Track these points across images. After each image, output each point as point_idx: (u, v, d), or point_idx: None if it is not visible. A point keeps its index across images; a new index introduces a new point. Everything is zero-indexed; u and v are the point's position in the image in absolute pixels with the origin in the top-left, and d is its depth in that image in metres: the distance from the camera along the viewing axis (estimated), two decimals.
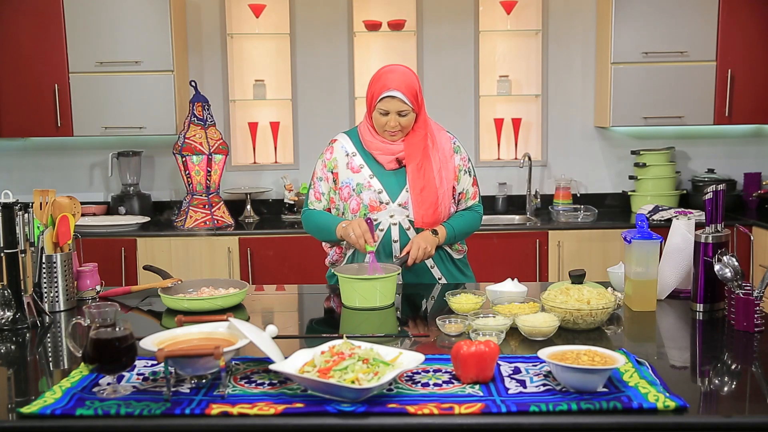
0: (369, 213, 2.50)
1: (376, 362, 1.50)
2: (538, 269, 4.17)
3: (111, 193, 4.69)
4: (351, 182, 2.52)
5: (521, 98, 4.74)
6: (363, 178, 2.51)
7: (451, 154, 2.56)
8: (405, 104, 2.42)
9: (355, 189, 2.51)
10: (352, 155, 2.55)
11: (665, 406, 1.41)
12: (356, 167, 2.53)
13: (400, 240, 2.51)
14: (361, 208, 2.50)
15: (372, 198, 2.49)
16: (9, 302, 2.05)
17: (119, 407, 1.45)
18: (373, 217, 2.48)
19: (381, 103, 2.43)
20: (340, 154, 2.56)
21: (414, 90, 2.44)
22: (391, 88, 2.41)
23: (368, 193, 2.49)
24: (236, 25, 4.67)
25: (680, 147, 4.71)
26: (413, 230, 2.51)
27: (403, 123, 2.45)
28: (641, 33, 4.29)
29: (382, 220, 2.50)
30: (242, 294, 2.26)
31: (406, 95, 2.41)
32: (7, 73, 4.28)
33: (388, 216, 2.50)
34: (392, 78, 2.43)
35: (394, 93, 2.40)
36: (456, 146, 2.59)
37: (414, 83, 2.45)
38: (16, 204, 2.08)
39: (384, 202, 2.49)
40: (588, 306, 1.92)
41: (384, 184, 2.50)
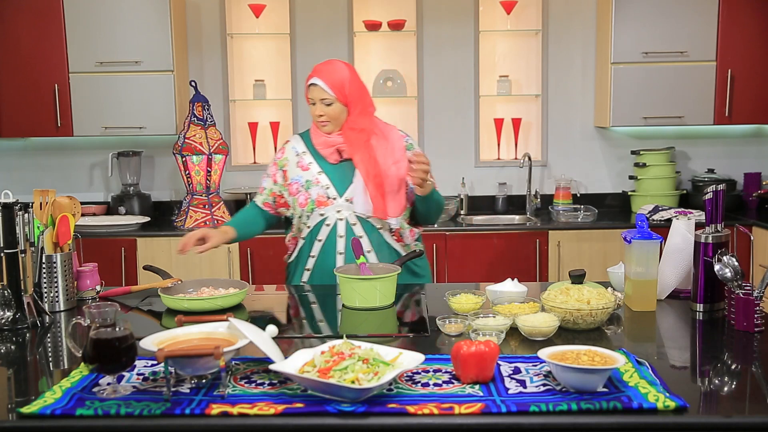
0: (316, 208, 2.55)
1: (376, 362, 1.50)
2: (538, 269, 4.17)
3: (111, 193, 4.69)
4: (300, 179, 2.60)
5: (521, 98, 4.74)
6: (311, 175, 2.58)
7: (404, 151, 2.60)
8: (326, 93, 2.51)
9: (304, 185, 2.58)
10: (302, 153, 2.64)
11: (665, 406, 1.41)
12: (305, 165, 2.61)
13: (345, 235, 2.54)
14: (308, 203, 2.56)
15: (320, 193, 2.55)
16: (9, 302, 2.05)
17: (119, 407, 1.45)
18: (320, 212, 2.54)
19: (308, 91, 2.57)
20: (291, 153, 2.66)
21: (339, 81, 2.51)
22: (314, 76, 2.54)
23: (316, 188, 2.56)
24: (236, 25, 4.67)
25: (680, 147, 4.72)
26: (360, 226, 2.54)
27: (328, 112, 2.53)
28: (641, 33, 4.29)
29: (329, 215, 2.55)
30: (242, 294, 2.26)
31: (326, 84, 2.50)
32: (8, 73, 4.28)
33: (335, 211, 2.54)
34: (319, 68, 2.56)
35: (315, 81, 2.53)
36: (409, 144, 2.66)
37: (341, 75, 2.53)
38: (16, 204, 2.08)
39: (331, 197, 2.55)
40: (588, 306, 1.92)
41: (332, 179, 2.56)
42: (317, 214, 2.55)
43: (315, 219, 2.56)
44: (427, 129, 4.72)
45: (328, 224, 2.55)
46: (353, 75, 2.57)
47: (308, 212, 2.56)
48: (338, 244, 2.54)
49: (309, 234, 2.58)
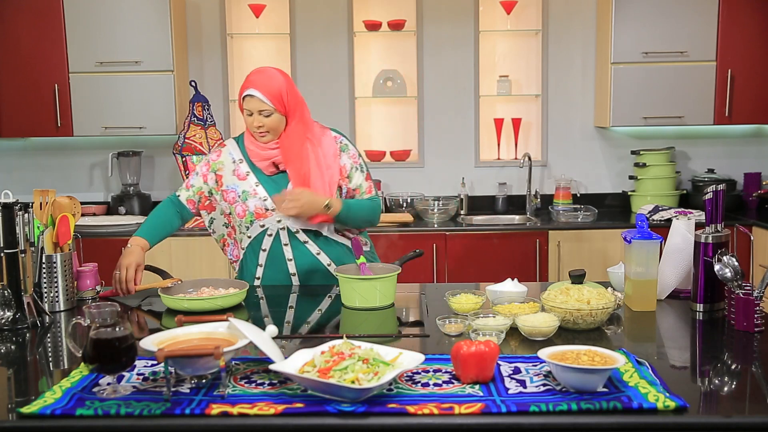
0: (256, 220, 2.52)
1: (376, 362, 1.50)
2: (538, 269, 4.17)
3: (111, 193, 4.69)
4: (237, 188, 2.54)
5: (521, 98, 4.74)
6: (249, 186, 2.53)
7: (336, 153, 2.56)
8: (265, 104, 2.43)
9: (241, 196, 2.53)
10: (239, 162, 2.57)
11: (665, 406, 1.41)
12: (242, 174, 2.55)
13: (290, 243, 2.52)
14: (247, 215, 2.53)
15: (257, 205, 2.51)
16: (9, 302, 2.05)
17: (119, 407, 1.45)
18: (260, 224, 2.51)
19: (244, 102, 2.47)
20: (227, 159, 2.59)
21: (277, 91, 2.44)
22: (251, 87, 2.44)
23: (254, 200, 2.51)
24: (236, 25, 4.67)
25: (680, 147, 4.72)
26: (302, 232, 2.52)
27: (267, 123, 2.46)
28: (641, 33, 4.29)
29: (269, 226, 2.51)
30: (242, 294, 2.26)
31: (264, 94, 2.42)
32: (8, 73, 4.28)
33: (276, 222, 2.51)
34: (255, 78, 2.45)
35: (252, 92, 2.43)
36: (343, 145, 2.59)
37: (278, 84, 2.45)
38: (16, 204, 2.08)
39: (270, 209, 2.50)
40: (588, 306, 1.92)
41: (269, 191, 2.51)
42: (257, 225, 2.52)
43: (256, 230, 2.53)
44: (427, 129, 4.72)
45: (270, 234, 2.52)
46: (290, 83, 2.49)
47: (247, 223, 2.53)
48: (285, 251, 2.52)
49: (251, 244, 2.55)
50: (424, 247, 3.72)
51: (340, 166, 2.55)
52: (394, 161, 4.72)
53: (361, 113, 4.74)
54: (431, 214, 4.37)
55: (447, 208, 4.39)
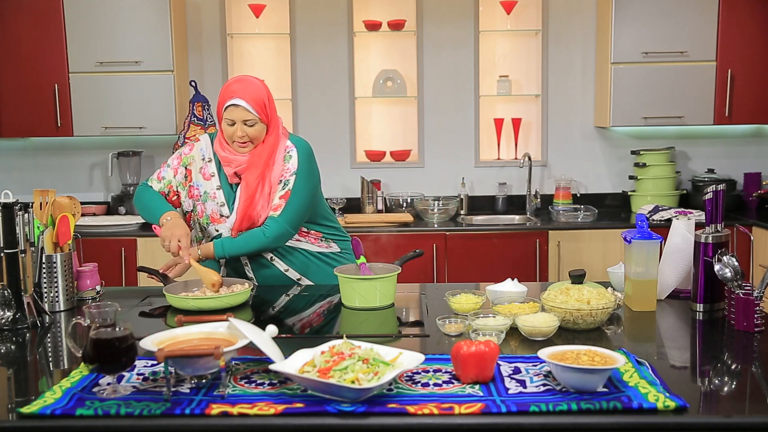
0: (211, 223, 2.50)
1: (376, 362, 1.50)
2: (538, 269, 4.17)
3: (111, 193, 4.69)
4: (200, 188, 2.53)
5: (521, 98, 4.74)
6: (210, 188, 2.51)
7: (281, 164, 2.47)
8: (250, 113, 2.38)
9: (202, 196, 2.52)
10: (207, 161, 2.54)
11: (665, 406, 1.41)
12: (207, 174, 2.53)
13: None
14: (204, 217, 2.51)
15: (214, 210, 2.49)
16: (9, 302, 2.05)
17: (119, 407, 1.44)
18: (215, 228, 2.49)
19: (226, 112, 2.40)
20: (198, 155, 2.56)
21: (261, 100, 2.40)
22: (235, 96, 2.38)
23: (212, 204, 2.50)
24: (236, 25, 4.67)
25: (680, 147, 4.72)
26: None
27: (250, 133, 2.41)
28: (641, 33, 4.29)
29: (224, 232, 2.50)
30: (246, 293, 2.26)
31: (250, 104, 2.38)
32: (8, 73, 4.28)
33: (228, 228, 2.49)
34: (237, 87, 2.40)
35: (237, 101, 2.38)
36: (287, 155, 2.47)
37: (261, 93, 2.42)
38: (16, 204, 2.08)
39: (224, 216, 2.49)
40: (588, 306, 1.92)
41: (227, 197, 2.49)
42: (213, 229, 2.51)
43: (212, 233, 2.52)
44: (427, 129, 4.72)
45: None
46: (269, 91, 2.46)
47: (204, 224, 2.52)
48: (241, 259, 2.51)
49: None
50: (424, 247, 3.72)
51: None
52: (394, 161, 4.72)
53: (361, 113, 4.74)
54: (431, 214, 4.38)
55: (447, 208, 4.40)
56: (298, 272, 2.56)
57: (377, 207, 4.59)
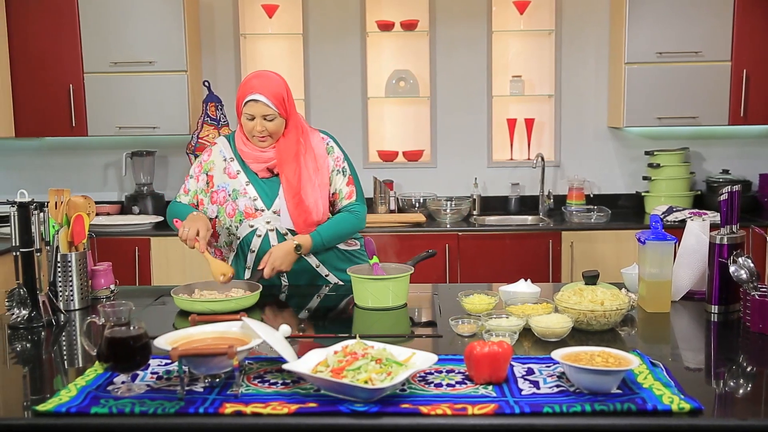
0: (245, 219, 2.50)
1: (389, 362, 1.50)
2: (551, 270, 4.15)
3: (125, 192, 4.72)
4: (227, 187, 2.53)
5: (534, 98, 4.73)
6: (239, 185, 2.52)
7: (324, 156, 2.55)
8: (270, 108, 2.41)
9: (231, 194, 2.52)
10: (230, 160, 2.55)
11: (680, 408, 1.40)
12: (233, 173, 2.54)
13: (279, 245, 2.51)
14: (236, 214, 2.51)
15: (247, 205, 2.50)
16: (25, 301, 2.07)
17: (133, 406, 1.45)
18: (249, 224, 2.50)
19: (246, 107, 2.43)
20: (218, 158, 2.58)
21: (280, 95, 2.43)
22: (254, 92, 2.41)
23: (244, 199, 2.50)
24: (249, 25, 4.69)
25: (694, 147, 4.69)
26: (290, 234, 2.50)
27: (270, 128, 2.44)
28: (655, 33, 4.27)
29: (259, 227, 2.50)
30: (255, 296, 2.26)
31: (270, 99, 2.41)
32: (23, 74, 4.31)
33: (265, 222, 2.50)
34: (257, 83, 2.43)
35: (257, 96, 2.40)
36: (329, 147, 2.58)
37: (280, 88, 2.44)
38: (32, 203, 2.09)
39: (259, 209, 2.50)
40: (602, 307, 1.91)
41: (259, 191, 2.51)
42: (246, 225, 2.51)
43: (245, 230, 2.52)
44: (440, 129, 4.72)
45: (259, 235, 2.51)
46: (287, 85, 2.49)
47: (237, 223, 2.52)
48: None
49: (240, 245, 2.54)
50: (436, 247, 3.71)
51: (327, 168, 2.55)
52: (407, 161, 4.72)
53: (374, 113, 4.74)
54: (444, 214, 4.37)
55: (459, 209, 4.39)
56: (328, 269, 2.58)
57: (390, 207, 4.59)
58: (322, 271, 2.57)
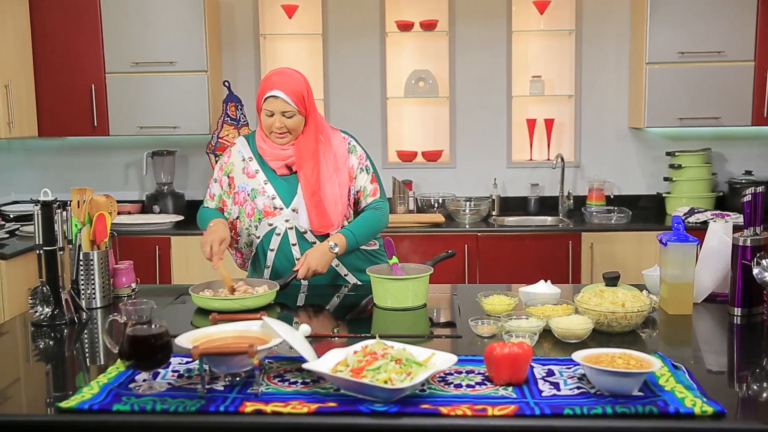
0: (264, 218, 2.51)
1: (409, 362, 1.50)
2: (571, 271, 4.13)
3: (145, 192, 4.75)
4: (246, 187, 2.54)
5: (554, 98, 4.70)
6: (258, 184, 2.53)
7: (346, 156, 2.56)
8: (289, 105, 2.42)
9: (250, 194, 2.53)
10: (249, 160, 2.56)
11: (702, 411, 1.39)
12: (252, 172, 2.55)
13: (298, 243, 2.52)
14: (255, 213, 2.52)
15: (266, 203, 2.51)
16: (48, 299, 2.09)
17: (155, 403, 1.46)
18: (268, 222, 2.50)
19: (265, 103, 2.44)
20: (237, 158, 2.59)
21: (300, 92, 2.44)
22: (274, 88, 2.42)
23: (262, 198, 2.51)
24: (269, 25, 4.70)
25: (717, 148, 4.64)
26: (310, 233, 2.51)
27: (288, 124, 2.45)
28: (677, 33, 4.23)
29: (278, 225, 2.51)
30: (272, 294, 2.27)
31: (289, 95, 2.41)
32: (46, 74, 4.36)
33: (284, 221, 2.50)
34: (277, 79, 2.44)
35: (277, 93, 2.41)
36: (351, 146, 2.59)
37: (300, 85, 2.45)
38: (55, 202, 2.11)
39: (278, 208, 2.50)
40: (623, 309, 1.90)
41: (278, 189, 2.51)
42: (266, 224, 2.52)
43: (264, 229, 2.53)
44: (459, 129, 4.71)
45: (278, 233, 2.52)
46: (308, 84, 2.50)
47: (256, 222, 2.53)
48: (293, 251, 2.52)
49: (260, 244, 2.55)
50: (455, 247, 3.70)
51: (349, 167, 2.56)
52: (426, 162, 4.71)
53: (393, 113, 4.74)
54: (463, 214, 4.36)
55: (479, 209, 4.38)
56: (347, 268, 2.58)
57: (409, 207, 4.59)
58: (341, 271, 2.57)
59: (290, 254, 2.52)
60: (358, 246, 2.52)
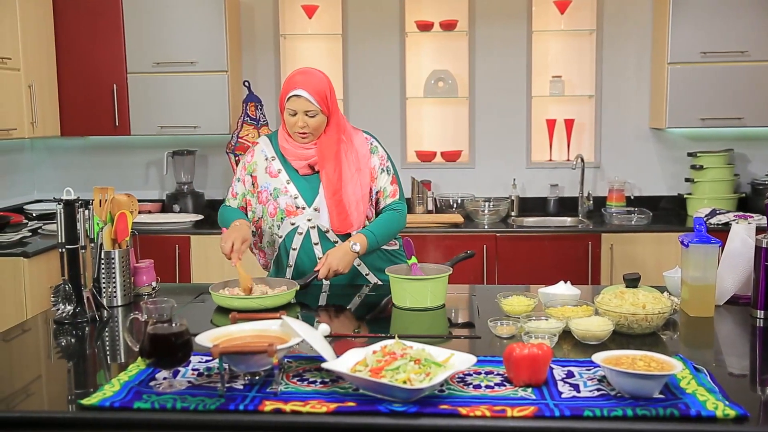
0: (286, 217, 2.51)
1: (428, 363, 1.50)
2: (590, 272, 4.11)
3: (166, 191, 4.78)
4: (269, 187, 2.55)
5: (574, 99, 4.68)
6: (280, 183, 2.53)
7: (368, 156, 2.56)
8: (312, 104, 2.43)
9: (272, 193, 2.54)
10: (271, 159, 2.57)
11: (725, 414, 1.38)
12: (274, 172, 2.56)
13: (320, 242, 2.52)
14: (278, 213, 2.53)
15: (288, 203, 2.51)
16: (70, 297, 2.11)
17: (175, 401, 1.47)
18: (290, 221, 2.51)
19: (288, 102, 2.45)
20: (260, 157, 2.60)
21: (323, 92, 2.45)
22: (298, 87, 2.43)
23: (285, 198, 2.52)
24: (289, 25, 4.72)
25: (739, 149, 4.59)
26: (332, 232, 2.51)
27: (311, 124, 2.46)
28: (699, 32, 4.19)
29: (300, 224, 2.51)
30: (290, 294, 2.27)
31: (312, 95, 2.42)
32: (69, 74, 4.40)
33: (306, 220, 2.51)
34: (301, 79, 2.45)
35: (300, 92, 2.42)
36: (373, 147, 2.59)
37: (323, 85, 2.46)
38: (78, 201, 2.13)
39: (300, 207, 2.50)
40: (643, 310, 1.89)
41: (300, 188, 2.52)
42: (288, 223, 2.53)
43: (286, 228, 2.53)
44: (479, 130, 4.70)
45: (300, 233, 2.52)
46: (331, 83, 2.51)
47: (278, 222, 2.54)
48: (315, 250, 2.52)
49: (282, 243, 2.56)
50: (473, 248, 3.69)
51: (370, 167, 2.56)
52: (445, 162, 4.71)
53: (412, 113, 4.74)
54: (482, 215, 4.35)
55: (498, 209, 4.36)
56: (368, 268, 2.59)
57: (427, 207, 4.58)
58: (362, 270, 2.58)
59: (312, 253, 2.53)
60: (378, 246, 2.52)
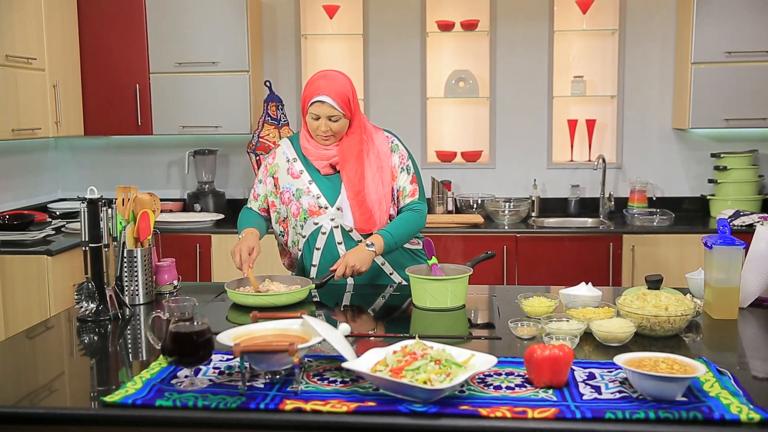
0: (309, 217, 2.52)
1: (449, 363, 1.50)
2: (611, 274, 4.08)
3: (187, 190, 4.81)
4: (291, 187, 2.56)
5: (596, 99, 4.65)
6: (302, 184, 2.54)
7: (388, 155, 2.56)
8: (335, 109, 2.43)
9: (295, 194, 2.54)
10: (293, 161, 2.58)
11: (749, 418, 1.36)
12: (296, 173, 2.56)
13: (344, 242, 2.52)
14: (300, 213, 2.53)
15: (311, 203, 2.52)
16: (93, 294, 2.13)
17: (196, 400, 1.48)
18: (314, 221, 2.51)
19: (312, 107, 2.45)
20: (282, 159, 2.61)
21: (346, 96, 2.45)
22: (321, 93, 2.42)
23: (307, 198, 2.52)
24: (310, 25, 4.73)
25: (764, 150, 4.54)
26: (355, 232, 2.51)
27: (334, 128, 2.46)
28: (724, 32, 4.15)
29: (323, 224, 2.52)
30: (304, 291, 2.28)
31: (335, 100, 2.42)
32: (93, 74, 4.45)
33: (329, 219, 2.51)
34: (323, 84, 2.44)
35: (323, 98, 2.42)
36: (394, 145, 2.59)
37: (346, 89, 2.46)
38: (101, 200, 2.15)
39: (323, 207, 2.51)
40: (666, 312, 1.87)
41: (322, 189, 2.52)
42: (311, 223, 2.53)
43: (309, 228, 2.54)
44: (499, 130, 4.68)
45: (323, 232, 2.53)
46: (353, 85, 2.51)
47: (302, 222, 2.54)
48: (339, 249, 2.52)
49: (306, 243, 2.56)
50: (494, 248, 3.68)
51: (391, 166, 2.56)
52: (465, 162, 4.70)
53: (433, 113, 4.74)
54: (502, 215, 4.33)
55: (518, 210, 4.35)
56: (392, 267, 2.59)
57: (447, 208, 4.58)
58: (386, 269, 2.58)
59: (336, 253, 2.53)
60: (396, 246, 2.52)
